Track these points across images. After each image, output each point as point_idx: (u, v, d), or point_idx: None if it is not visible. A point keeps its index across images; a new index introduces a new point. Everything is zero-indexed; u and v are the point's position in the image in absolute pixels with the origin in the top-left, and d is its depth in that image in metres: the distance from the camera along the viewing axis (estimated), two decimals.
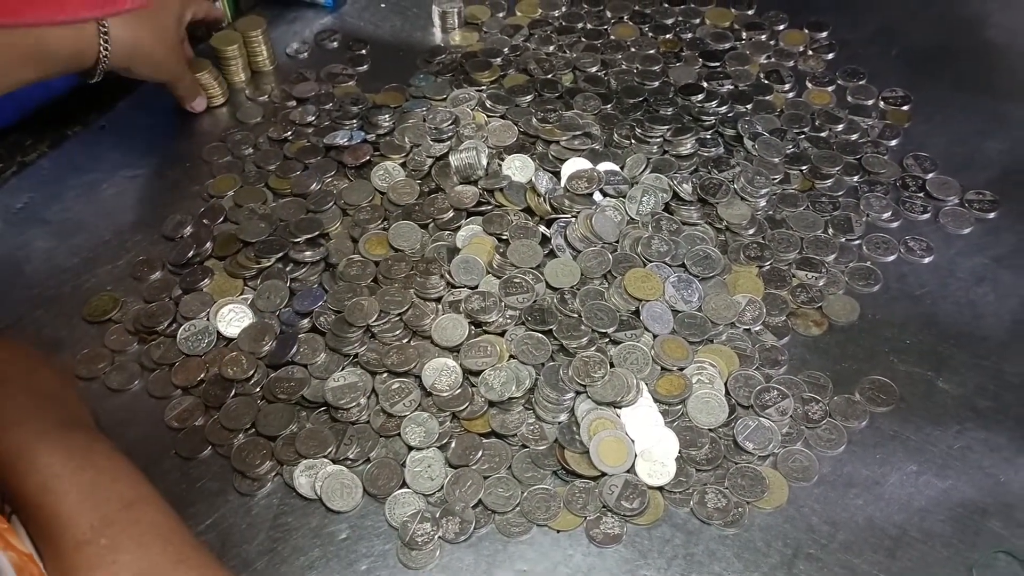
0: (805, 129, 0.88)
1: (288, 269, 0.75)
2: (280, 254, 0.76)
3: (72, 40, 0.74)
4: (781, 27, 1.00)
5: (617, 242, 0.76)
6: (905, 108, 0.91)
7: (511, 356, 0.69)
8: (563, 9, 1.03)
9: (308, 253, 0.76)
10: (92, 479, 0.52)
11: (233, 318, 0.72)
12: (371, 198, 0.81)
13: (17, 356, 0.62)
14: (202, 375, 0.69)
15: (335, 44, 1.00)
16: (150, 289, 0.75)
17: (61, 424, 0.56)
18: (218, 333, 0.72)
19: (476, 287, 0.73)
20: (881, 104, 0.92)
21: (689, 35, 0.99)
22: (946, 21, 1.02)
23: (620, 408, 0.66)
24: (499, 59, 0.95)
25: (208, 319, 0.73)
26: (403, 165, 0.83)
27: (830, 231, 0.79)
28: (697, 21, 1.01)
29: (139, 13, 0.78)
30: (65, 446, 0.53)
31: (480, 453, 0.64)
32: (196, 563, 0.51)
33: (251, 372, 0.69)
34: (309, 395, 0.67)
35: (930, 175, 0.84)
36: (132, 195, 0.84)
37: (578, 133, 0.84)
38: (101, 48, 0.76)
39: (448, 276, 0.73)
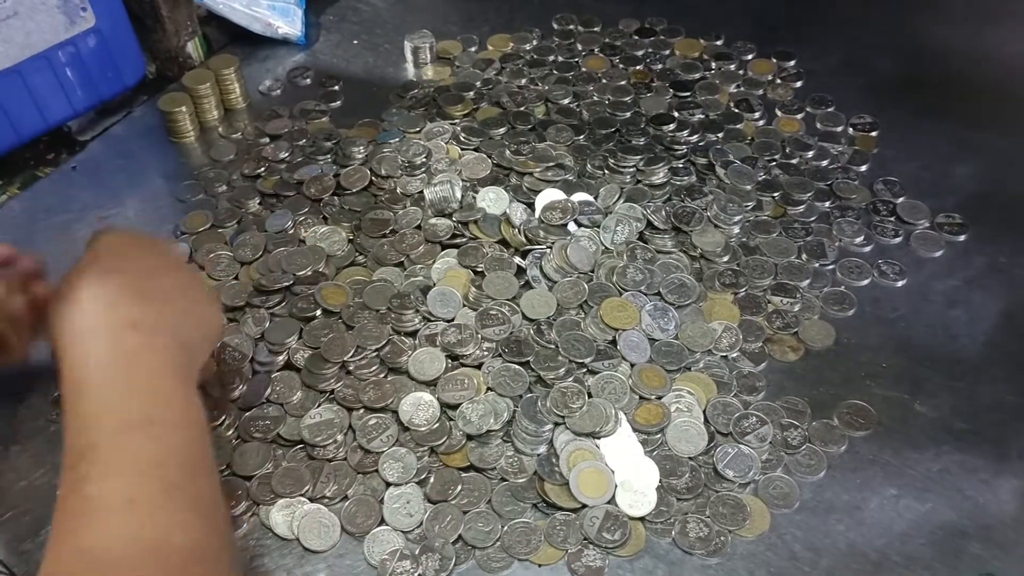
0: (776, 156, 0.89)
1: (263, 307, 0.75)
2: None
3: None
4: (749, 57, 1.02)
5: (592, 272, 0.76)
6: (873, 134, 0.92)
7: (488, 388, 0.68)
8: (534, 43, 1.04)
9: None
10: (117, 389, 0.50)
11: None
12: None
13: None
14: None
15: (308, 81, 1.01)
16: None
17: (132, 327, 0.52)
18: None
19: (452, 320, 0.72)
20: (850, 131, 0.93)
21: (659, 66, 1.00)
22: (909, 51, 1.03)
23: (599, 438, 0.65)
24: (471, 92, 0.96)
25: None
26: None
27: (803, 256, 0.80)
28: (667, 52, 1.03)
29: None
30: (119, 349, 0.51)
31: (459, 487, 0.63)
32: (188, 495, 0.48)
33: (222, 418, 0.67)
34: (285, 433, 0.66)
35: (900, 199, 0.85)
36: None
37: (551, 164, 0.85)
38: None
39: (423, 310, 0.73)
